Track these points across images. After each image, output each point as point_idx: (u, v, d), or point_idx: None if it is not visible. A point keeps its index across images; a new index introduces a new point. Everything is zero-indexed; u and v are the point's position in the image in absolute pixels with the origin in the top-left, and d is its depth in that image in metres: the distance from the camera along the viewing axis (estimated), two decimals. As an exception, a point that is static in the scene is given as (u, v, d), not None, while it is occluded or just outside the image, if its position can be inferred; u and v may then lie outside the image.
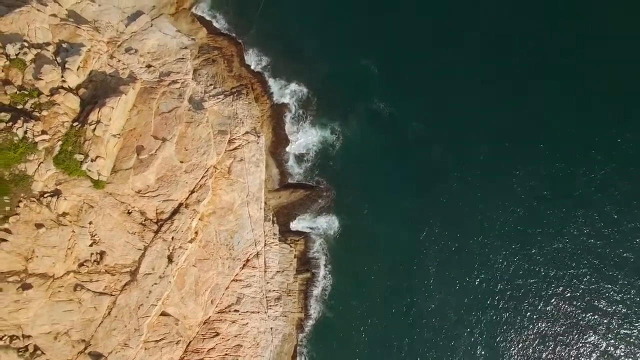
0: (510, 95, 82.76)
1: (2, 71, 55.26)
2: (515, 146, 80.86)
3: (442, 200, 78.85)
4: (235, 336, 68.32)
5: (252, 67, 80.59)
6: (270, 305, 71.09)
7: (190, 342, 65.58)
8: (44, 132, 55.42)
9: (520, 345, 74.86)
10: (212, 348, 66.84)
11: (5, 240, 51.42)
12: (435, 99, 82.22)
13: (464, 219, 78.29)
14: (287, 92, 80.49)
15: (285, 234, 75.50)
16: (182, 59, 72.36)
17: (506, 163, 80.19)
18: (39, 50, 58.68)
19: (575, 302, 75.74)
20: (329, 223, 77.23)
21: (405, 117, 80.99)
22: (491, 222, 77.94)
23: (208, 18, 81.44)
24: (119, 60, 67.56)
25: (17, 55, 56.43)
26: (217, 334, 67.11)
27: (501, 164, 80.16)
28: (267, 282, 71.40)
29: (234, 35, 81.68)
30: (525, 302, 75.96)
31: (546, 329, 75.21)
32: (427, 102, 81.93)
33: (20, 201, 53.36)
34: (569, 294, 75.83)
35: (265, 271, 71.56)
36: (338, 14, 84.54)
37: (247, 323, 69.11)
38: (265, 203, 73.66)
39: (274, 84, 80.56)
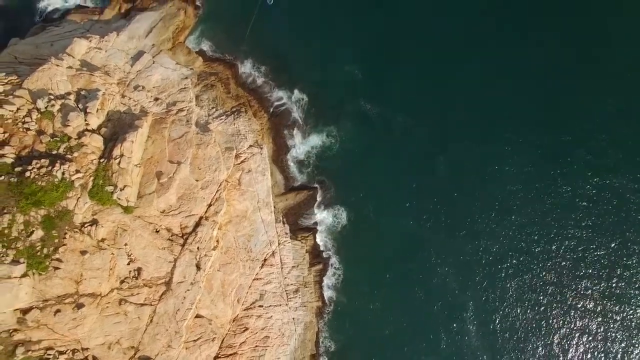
0: (487, 82, 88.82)
1: (36, 123, 60.16)
2: (497, 128, 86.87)
3: (436, 185, 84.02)
4: (262, 329, 72.77)
5: (247, 86, 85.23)
6: (290, 298, 75.86)
7: (223, 338, 70.04)
8: (77, 171, 59.96)
9: (520, 315, 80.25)
10: (243, 342, 71.20)
11: (58, 268, 56.18)
12: (416, 94, 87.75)
13: (460, 203, 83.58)
14: (281, 104, 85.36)
15: (296, 231, 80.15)
16: (185, 88, 76.75)
17: (494, 146, 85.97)
18: (62, 100, 63.28)
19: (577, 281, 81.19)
20: (334, 217, 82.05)
21: (391, 113, 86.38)
22: (484, 201, 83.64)
23: (201, 47, 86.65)
24: (129, 98, 71.81)
25: (46, 107, 61.27)
26: (246, 329, 71.64)
27: (488, 146, 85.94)
28: (285, 277, 76.18)
29: (226, 58, 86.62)
30: (521, 276, 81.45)
31: (543, 302, 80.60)
32: (409, 97, 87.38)
33: (65, 233, 57.90)
34: (567, 274, 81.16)
35: (282, 268, 76.27)
36: (318, 28, 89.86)
37: (271, 316, 73.70)
38: (275, 207, 78.07)
39: (269, 98, 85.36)
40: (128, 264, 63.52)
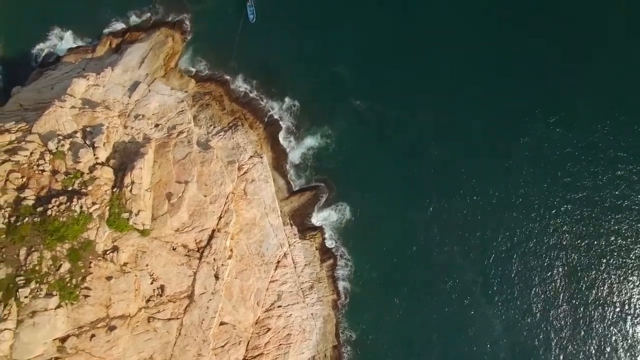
0: (472, 72, 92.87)
1: (50, 164, 63.15)
2: (486, 115, 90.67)
3: (432, 171, 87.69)
4: (284, 327, 76.50)
5: (241, 100, 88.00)
6: (307, 295, 79.44)
7: (248, 341, 73.56)
8: (94, 203, 62.78)
9: (524, 283, 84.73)
10: (267, 342, 74.89)
11: (88, 295, 59.43)
12: (404, 87, 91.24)
13: (456, 185, 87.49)
14: (275, 112, 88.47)
15: (304, 231, 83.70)
16: (182, 111, 79.40)
17: (485, 130, 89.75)
18: (71, 139, 66.15)
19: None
20: (338, 213, 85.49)
21: (381, 108, 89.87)
22: (480, 180, 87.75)
23: (193, 69, 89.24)
24: (132, 128, 74.50)
25: (56, 148, 64.29)
26: (269, 329, 75.30)
27: (479, 130, 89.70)
28: (299, 276, 79.63)
29: (218, 77, 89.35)
30: (522, 247, 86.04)
31: (542, 266, 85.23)
32: (397, 91, 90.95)
33: (90, 262, 60.92)
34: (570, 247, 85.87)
35: (295, 267, 79.79)
36: (301, 36, 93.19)
37: (290, 314, 77.33)
38: (281, 211, 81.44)
39: (262, 109, 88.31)
40: (151, 283, 66.75)
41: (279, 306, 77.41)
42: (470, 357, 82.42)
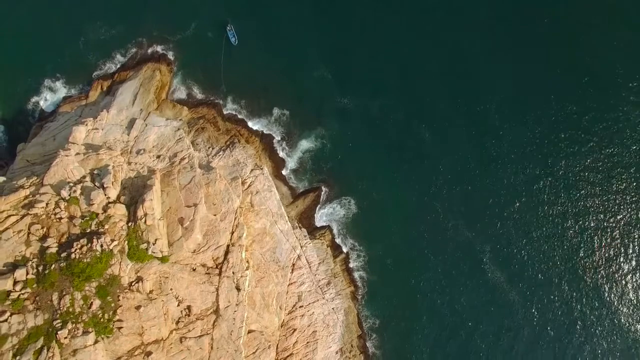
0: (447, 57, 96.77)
1: (65, 211, 66.43)
2: (467, 92, 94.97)
3: (425, 152, 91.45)
4: (309, 326, 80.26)
5: (233, 118, 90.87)
6: (325, 291, 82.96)
7: (277, 344, 77.09)
8: (112, 240, 65.90)
9: (532, 248, 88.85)
10: (295, 342, 78.72)
11: (121, 327, 62.84)
12: (385, 79, 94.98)
13: (446, 163, 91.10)
14: (267, 125, 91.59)
15: (313, 231, 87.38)
16: (180, 138, 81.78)
17: (470, 107, 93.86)
18: (81, 184, 69.07)
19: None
20: (343, 208, 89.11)
21: (368, 101, 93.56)
22: (471, 155, 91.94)
23: (183, 97, 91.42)
24: (135, 163, 77.15)
25: (69, 195, 67.31)
26: (295, 330, 79.04)
27: (464, 107, 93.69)
28: (315, 275, 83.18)
29: (208, 100, 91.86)
30: (522, 215, 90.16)
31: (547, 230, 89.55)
32: (379, 83, 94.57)
33: (119, 296, 64.27)
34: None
35: (310, 267, 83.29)
36: (281, 51, 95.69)
37: (313, 312, 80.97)
38: (288, 216, 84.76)
39: (254, 124, 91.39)
40: (178, 305, 69.82)
41: (301, 306, 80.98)
42: (492, 326, 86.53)
